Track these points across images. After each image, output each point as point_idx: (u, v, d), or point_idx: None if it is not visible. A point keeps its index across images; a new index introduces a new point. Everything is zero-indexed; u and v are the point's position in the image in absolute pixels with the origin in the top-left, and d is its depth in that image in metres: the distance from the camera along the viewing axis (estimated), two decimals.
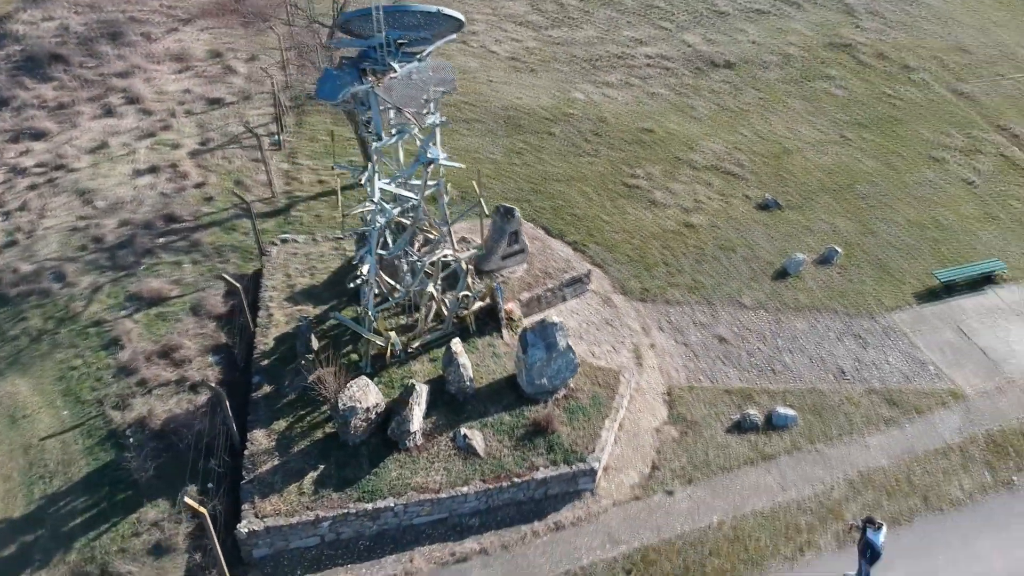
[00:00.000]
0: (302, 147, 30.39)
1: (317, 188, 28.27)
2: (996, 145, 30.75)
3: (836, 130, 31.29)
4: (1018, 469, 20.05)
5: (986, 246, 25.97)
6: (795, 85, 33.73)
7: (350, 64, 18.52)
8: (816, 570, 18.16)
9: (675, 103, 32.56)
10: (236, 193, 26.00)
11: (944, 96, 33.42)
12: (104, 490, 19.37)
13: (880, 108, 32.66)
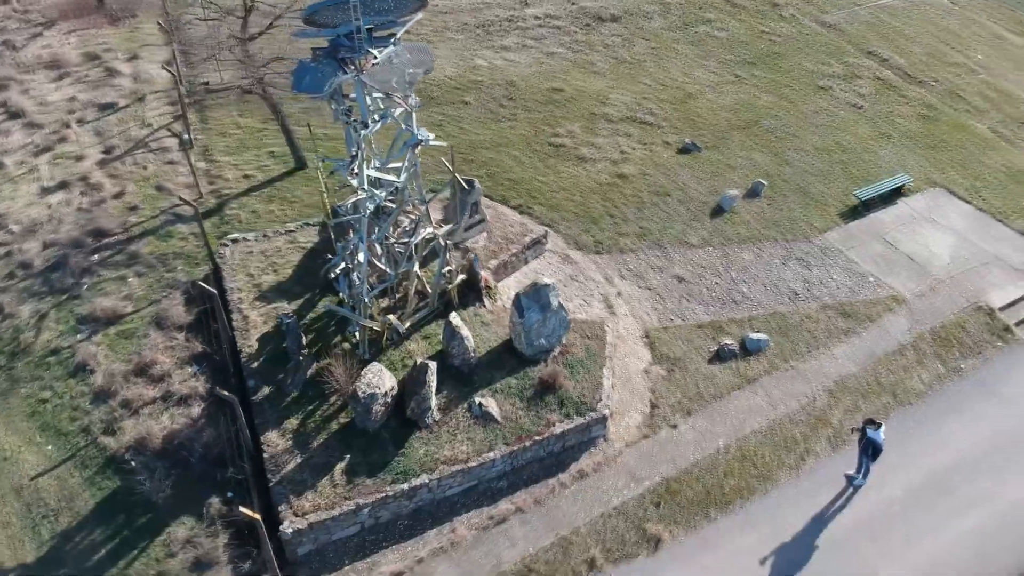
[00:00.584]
0: (215, 143, 29.57)
1: (245, 183, 27.68)
2: (870, 69, 33.47)
3: (728, 70, 33.17)
4: (963, 356, 22.52)
5: (887, 162, 28.47)
6: (680, 32, 35.38)
7: (326, 55, 18.43)
8: (819, 474, 19.96)
9: (574, 60, 33.55)
10: (182, 199, 25.22)
11: (814, 28, 35.92)
12: (120, 517, 18.89)
13: (761, 45, 34.78)
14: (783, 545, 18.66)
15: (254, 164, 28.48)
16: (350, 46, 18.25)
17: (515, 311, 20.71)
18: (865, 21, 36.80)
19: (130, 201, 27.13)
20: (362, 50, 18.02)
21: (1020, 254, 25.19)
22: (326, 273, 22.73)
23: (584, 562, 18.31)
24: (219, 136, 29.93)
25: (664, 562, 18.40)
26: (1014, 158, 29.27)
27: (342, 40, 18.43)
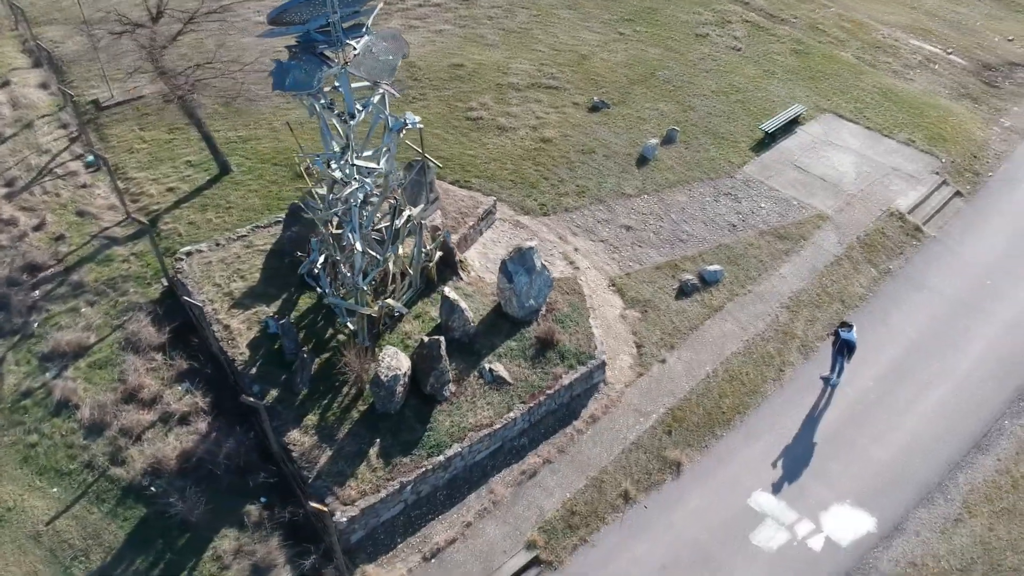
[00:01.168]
0: (124, 161, 28.65)
1: (171, 196, 27.10)
2: (737, 14, 35.99)
3: (611, 29, 34.87)
4: (889, 259, 25.23)
5: (778, 96, 30.98)
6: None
7: (303, 51, 18.58)
8: (799, 382, 22.07)
9: (464, 35, 34.33)
10: (135, 217, 24.49)
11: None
12: (158, 542, 18.68)
13: (634, 2, 36.67)
14: (786, 447, 20.64)
15: (174, 176, 27.85)
16: (326, 40, 18.47)
17: (503, 277, 21.61)
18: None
19: (53, 231, 26.08)
20: (341, 42, 18.30)
21: (910, 163, 28.22)
22: (304, 271, 22.81)
23: (619, 496, 19.63)
24: (127, 153, 29.02)
25: (688, 482, 19.99)
26: (880, 79, 32.47)
27: (315, 35, 18.61)
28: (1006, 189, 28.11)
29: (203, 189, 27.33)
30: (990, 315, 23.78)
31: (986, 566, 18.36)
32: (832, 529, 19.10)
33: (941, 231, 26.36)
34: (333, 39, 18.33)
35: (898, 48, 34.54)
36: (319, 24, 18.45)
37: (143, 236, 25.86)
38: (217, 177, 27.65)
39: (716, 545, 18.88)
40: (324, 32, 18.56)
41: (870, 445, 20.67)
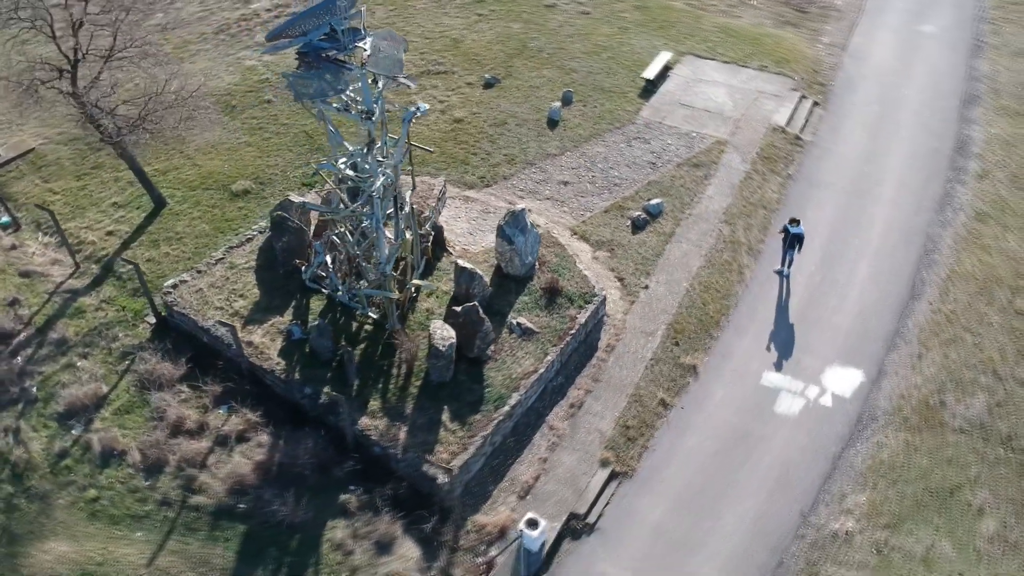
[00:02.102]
0: (43, 216, 27.72)
1: (115, 240, 26.67)
2: None
3: (469, 12, 37.05)
4: (786, 166, 29.47)
5: (641, 48, 34.54)
6: None
7: (314, 59, 19.65)
8: (759, 279, 25.74)
9: None
10: (126, 259, 24.15)
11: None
12: (271, 550, 19.44)
13: None
14: (771, 333, 24.23)
15: (107, 220, 27.38)
16: (333, 46, 19.67)
17: (502, 240, 23.62)
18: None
19: (3, 298, 25.07)
20: (352, 45, 19.58)
21: (770, 85, 32.68)
22: (309, 276, 23.67)
23: (658, 404, 22.42)
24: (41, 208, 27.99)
25: (708, 380, 23.10)
26: (715, 20, 36.87)
27: (320, 44, 19.75)
28: (848, 92, 33.24)
29: (144, 226, 27.09)
30: (877, 196, 28.54)
31: (953, 384, 22.76)
32: (834, 387, 22.86)
33: (815, 136, 30.98)
34: (343, 44, 19.54)
35: None
36: (321, 33, 19.59)
37: (102, 283, 25.51)
38: (154, 212, 27.45)
39: (750, 423, 22.11)
40: (328, 40, 19.70)
41: (833, 316, 24.64)
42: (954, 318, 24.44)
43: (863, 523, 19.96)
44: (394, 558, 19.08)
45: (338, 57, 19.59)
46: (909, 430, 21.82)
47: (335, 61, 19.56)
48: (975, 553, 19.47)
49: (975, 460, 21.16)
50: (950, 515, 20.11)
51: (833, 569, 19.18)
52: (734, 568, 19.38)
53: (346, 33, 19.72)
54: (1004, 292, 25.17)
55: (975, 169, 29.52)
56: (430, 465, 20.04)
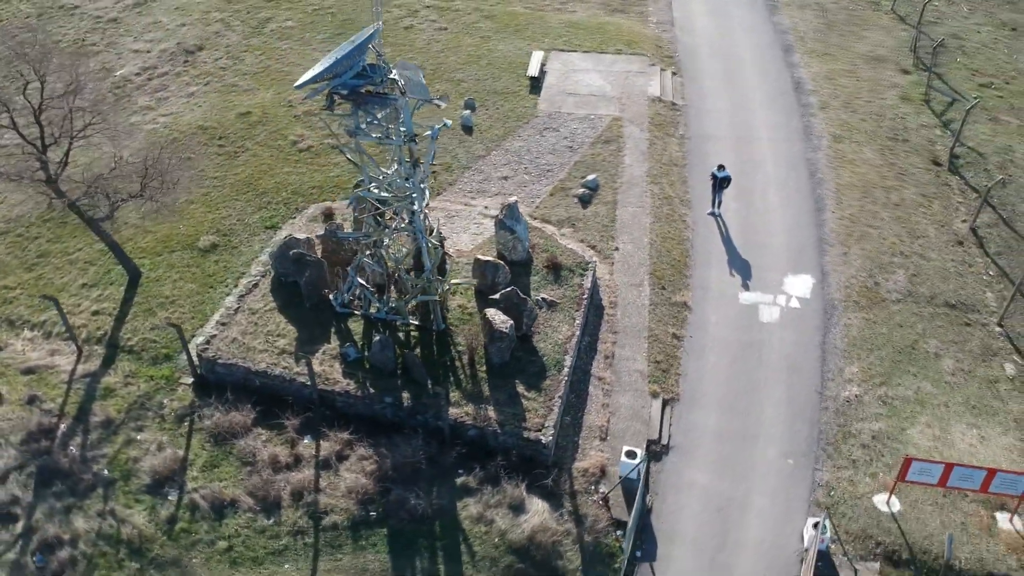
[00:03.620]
0: (10, 313, 27.15)
1: (106, 319, 26.70)
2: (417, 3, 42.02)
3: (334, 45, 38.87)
4: (676, 128, 34.29)
5: (510, 52, 37.96)
6: (257, 35, 39.46)
7: (351, 97, 21.64)
8: (701, 224, 30.28)
9: (219, 90, 35.98)
10: (170, 322, 24.42)
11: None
12: (420, 541, 21.39)
13: (333, 18, 40.86)
14: (728, 261, 28.84)
15: (85, 303, 27.27)
16: (368, 81, 21.79)
17: (505, 232, 26.48)
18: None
19: (19, 399, 24.69)
20: (388, 77, 21.79)
21: (632, 64, 37.38)
22: (340, 303, 25.26)
23: (671, 338, 26.30)
24: (6, 305, 27.38)
25: (700, 309, 27.28)
26: (557, 17, 41.09)
27: (353, 82, 21.79)
28: (692, 60, 38.71)
29: (129, 299, 27.29)
30: (755, 138, 34.02)
31: (877, 269, 28.39)
32: (795, 291, 27.83)
33: (684, 100, 36.10)
34: (376, 78, 21.69)
35: None
36: (354, 72, 21.65)
37: (114, 361, 25.67)
38: (133, 282, 27.62)
39: (746, 334, 26.55)
40: (361, 77, 21.77)
41: (768, 238, 29.66)
42: (855, 219, 30.20)
43: (864, 386, 24.92)
44: (530, 515, 21.58)
45: (379, 90, 21.67)
46: (862, 310, 27.14)
47: (378, 94, 21.64)
48: (946, 385, 24.98)
49: (917, 320, 26.81)
50: (919, 364, 25.55)
51: (859, 425, 23.94)
52: (789, 445, 23.67)
53: (371, 68, 21.85)
54: (880, 192, 31.33)
55: (816, 102, 35.83)
56: (529, 431, 22.65)
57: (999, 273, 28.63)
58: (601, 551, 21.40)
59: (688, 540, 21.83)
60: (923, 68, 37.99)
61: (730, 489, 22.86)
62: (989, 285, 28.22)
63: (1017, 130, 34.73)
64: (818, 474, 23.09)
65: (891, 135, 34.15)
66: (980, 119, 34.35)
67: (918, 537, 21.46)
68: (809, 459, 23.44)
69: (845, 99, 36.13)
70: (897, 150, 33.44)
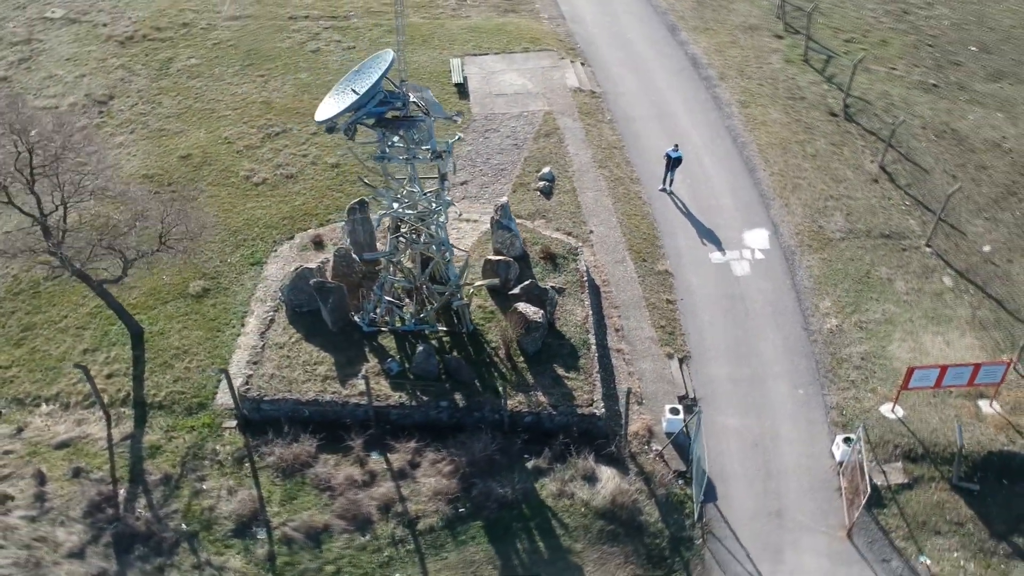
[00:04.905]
0: (23, 390, 26.45)
1: (122, 380, 26.43)
2: (316, 26, 42.41)
3: (251, 75, 38.80)
4: (603, 114, 36.86)
5: (427, 61, 39.36)
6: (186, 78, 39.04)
7: (381, 124, 22.79)
8: (654, 198, 33.02)
9: (150, 135, 35.29)
10: (221, 369, 24.53)
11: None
12: (515, 525, 23.04)
13: (237, 50, 40.74)
14: (695, 228, 31.72)
15: (96, 365, 26.75)
16: (390, 107, 23.00)
17: (503, 231, 28.17)
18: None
19: (62, 474, 24.32)
20: (410, 101, 23.06)
21: (544, 60, 39.55)
22: (367, 322, 26.23)
23: (666, 303, 28.93)
24: (7, 385, 26.65)
25: (680, 274, 29.99)
26: (455, 23, 42.62)
27: (377, 109, 22.95)
28: (593, 49, 41.35)
29: (140, 356, 27.14)
30: (674, 113, 37.09)
31: (817, 213, 32.05)
32: (756, 245, 31.08)
33: (601, 87, 38.74)
34: (401, 103, 22.94)
35: (438, 1, 44.90)
36: (376, 101, 22.82)
37: (146, 419, 25.64)
38: (137, 339, 27.46)
39: (728, 289, 29.53)
40: (383, 104, 22.95)
41: (717, 202, 32.78)
42: (784, 174, 33.81)
43: (840, 317, 28.43)
44: (604, 482, 23.63)
45: (403, 114, 22.91)
46: (816, 251, 30.69)
47: (406, 117, 22.89)
48: (905, 304, 28.87)
49: (863, 252, 30.63)
50: (877, 290, 29.33)
51: (847, 350, 27.39)
52: (795, 378, 26.80)
53: (390, 95, 23.08)
54: (796, 147, 35.13)
55: (715, 74, 39.34)
56: (582, 407, 24.65)
57: (914, 202, 32.90)
58: (672, 501, 23.74)
59: (738, 476, 24.48)
60: (793, 31, 42.27)
61: (758, 425, 25.68)
62: (909, 213, 32.44)
63: (887, 76, 39.53)
64: (826, 398, 26.29)
65: (788, 95, 38.06)
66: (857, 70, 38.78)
67: (925, 434, 25.01)
68: (815, 387, 26.62)
69: (738, 68, 39.82)
70: (798, 108, 37.37)
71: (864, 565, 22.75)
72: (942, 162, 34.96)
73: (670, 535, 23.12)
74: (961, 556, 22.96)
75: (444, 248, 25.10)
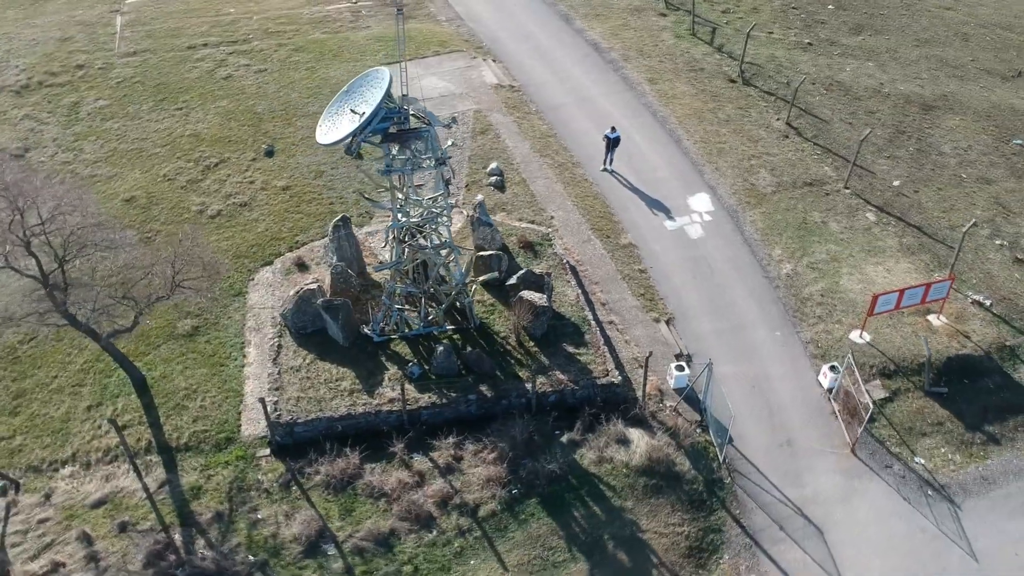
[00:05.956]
0: (34, 456, 25.89)
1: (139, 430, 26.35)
2: (221, 53, 41.97)
3: (168, 110, 38.20)
4: (529, 107, 38.61)
5: (344, 75, 39.83)
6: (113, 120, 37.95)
7: (389, 139, 23.75)
8: (598, 178, 35.14)
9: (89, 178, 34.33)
10: (262, 400, 24.67)
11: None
12: (567, 496, 24.73)
13: (144, 86, 39.91)
14: (640, 200, 34.08)
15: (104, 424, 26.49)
16: (392, 121, 24.01)
17: (481, 227, 29.58)
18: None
19: (113, 542, 24.01)
20: (411, 113, 24.11)
21: (456, 62, 40.77)
22: (377, 331, 27.11)
23: (639, 272, 31.13)
24: (17, 455, 26.02)
25: (644, 244, 32.23)
26: (358, 35, 43.20)
27: (381, 125, 23.92)
28: (499, 45, 42.92)
29: (149, 403, 26.97)
30: (591, 96, 39.27)
31: (745, 171, 35.07)
32: (702, 208, 33.72)
33: (518, 80, 40.49)
34: (402, 118, 23.99)
35: (333, 15, 45.25)
36: (380, 117, 23.79)
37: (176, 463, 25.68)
38: (142, 387, 27.26)
39: (689, 251, 32.02)
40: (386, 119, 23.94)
41: (655, 174, 35.23)
42: (707, 141, 36.66)
43: (792, 262, 31.47)
44: (636, 442, 25.61)
45: (405, 127, 23.97)
46: (756, 206, 33.67)
47: (412, 130, 23.95)
48: (843, 242, 32.22)
49: (794, 201, 33.84)
50: (817, 233, 32.57)
51: (807, 291, 30.43)
52: (771, 321, 29.59)
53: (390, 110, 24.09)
54: (710, 115, 38.07)
55: (618, 57, 41.81)
56: (600, 379, 26.52)
57: (823, 151, 36.43)
58: (698, 449, 26.00)
59: (746, 417, 26.96)
60: (674, 8, 45.37)
61: (751, 369, 28.28)
62: (822, 161, 35.95)
63: (768, 40, 43.17)
64: (800, 335, 29.21)
65: (689, 68, 41.02)
66: (739, 39, 42.05)
67: (893, 352, 28.30)
68: (789, 327, 29.49)
69: (637, 48, 42.46)
70: (700, 79, 40.36)
71: (872, 475, 25.68)
72: (837, 112, 38.73)
73: (704, 479, 25.31)
74: (947, 451, 26.27)
75: (451, 249, 26.26)
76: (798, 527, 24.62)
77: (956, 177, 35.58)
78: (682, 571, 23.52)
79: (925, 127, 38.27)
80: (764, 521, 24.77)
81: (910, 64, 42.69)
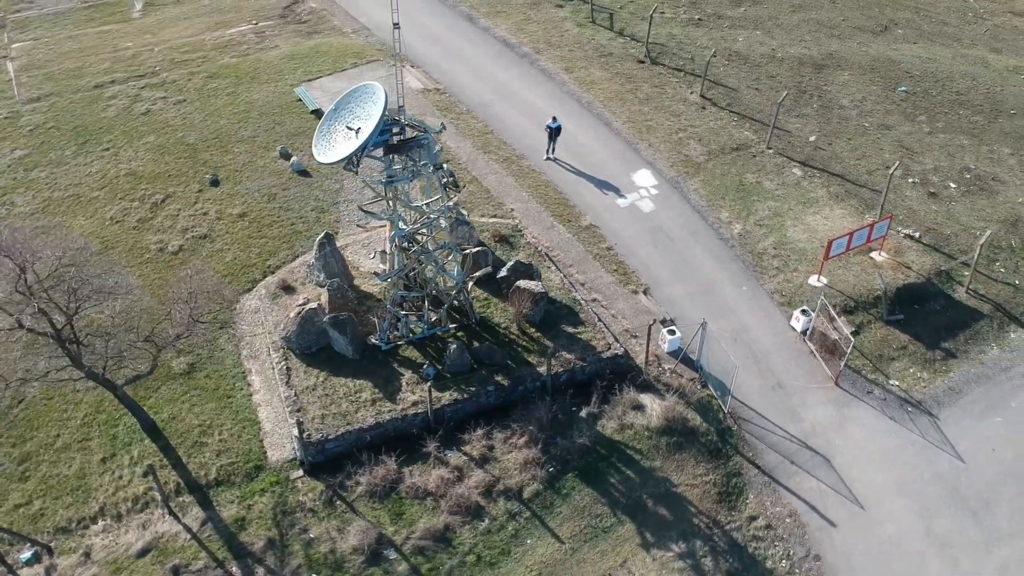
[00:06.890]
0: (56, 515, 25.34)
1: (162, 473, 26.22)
2: (135, 88, 41.03)
3: (92, 151, 37.10)
4: (458, 107, 39.72)
5: (269, 96, 39.76)
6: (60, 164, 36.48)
7: (392, 150, 24.51)
8: (544, 167, 36.67)
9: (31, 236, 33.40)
10: (299, 421, 24.81)
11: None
12: (600, 465, 26.28)
13: (61, 134, 38.60)
14: (590, 183, 35.85)
15: (123, 470, 26.16)
16: (393, 132, 24.80)
17: (460, 226, 30.53)
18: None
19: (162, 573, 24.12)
20: (402, 125, 24.92)
21: (376, 71, 41.37)
22: (384, 339, 27.79)
23: (607, 249, 32.93)
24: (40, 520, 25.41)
25: (605, 224, 33.99)
26: (270, 55, 43.05)
27: (382, 138, 24.66)
28: (412, 51, 43.60)
29: (165, 445, 26.78)
30: (516, 92, 40.71)
31: (678, 144, 37.41)
32: (647, 184, 35.81)
33: (441, 83, 41.46)
34: (402, 128, 24.80)
35: (236, 38, 44.79)
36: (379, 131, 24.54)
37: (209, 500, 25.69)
38: (154, 432, 27.01)
39: (648, 225, 34.01)
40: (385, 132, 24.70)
41: (596, 157, 37.05)
42: (633, 120, 38.78)
43: (741, 222, 33.98)
44: (650, 406, 27.40)
45: (411, 138, 24.79)
46: (695, 175, 36.04)
47: (411, 139, 24.79)
48: (780, 197, 34.98)
49: (727, 166, 36.41)
50: (755, 192, 35.22)
51: (760, 246, 32.98)
52: (735, 278, 31.93)
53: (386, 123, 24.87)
54: (630, 95, 40.20)
55: (530, 51, 43.40)
56: (604, 353, 28.15)
57: (739, 117, 39.19)
58: (703, 403, 28.00)
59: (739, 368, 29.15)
60: None
61: (729, 324, 30.51)
62: (741, 127, 38.69)
63: (662, 20, 45.71)
64: (764, 287, 31.70)
65: (599, 54, 43.06)
66: (636, 22, 44.41)
67: (849, 290, 31.17)
68: (753, 281, 31.94)
69: (545, 40, 44.17)
70: (612, 63, 42.47)
71: (858, 402, 28.35)
72: (742, 80, 41.64)
73: (715, 430, 27.32)
74: (915, 370, 29.27)
75: (451, 251, 27.21)
76: (806, 459, 26.95)
77: (860, 127, 39.00)
78: (719, 516, 25.42)
79: (822, 85, 41.63)
80: (775, 459, 26.97)
81: (792, 29, 46.14)
